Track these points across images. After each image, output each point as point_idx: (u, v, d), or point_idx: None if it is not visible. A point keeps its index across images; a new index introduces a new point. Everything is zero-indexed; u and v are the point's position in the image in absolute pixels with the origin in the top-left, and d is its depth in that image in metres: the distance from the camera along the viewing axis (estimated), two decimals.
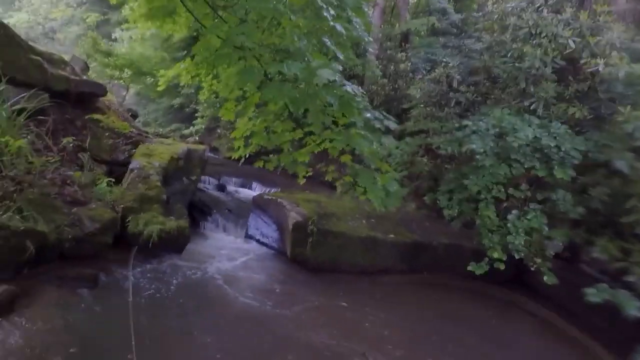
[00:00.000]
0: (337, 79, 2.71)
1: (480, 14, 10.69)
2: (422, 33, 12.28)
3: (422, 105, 8.08)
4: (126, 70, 10.69)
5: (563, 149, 5.46)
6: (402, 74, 10.39)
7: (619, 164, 4.90)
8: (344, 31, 3.11)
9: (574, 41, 5.95)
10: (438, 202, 6.40)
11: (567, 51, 6.22)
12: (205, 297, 4.76)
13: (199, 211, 6.75)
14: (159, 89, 5.35)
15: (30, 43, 6.81)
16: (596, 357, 4.97)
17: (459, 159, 7.00)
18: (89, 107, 7.09)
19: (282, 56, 2.82)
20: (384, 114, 3.15)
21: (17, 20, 19.35)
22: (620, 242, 5.07)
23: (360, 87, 3.35)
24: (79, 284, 3.98)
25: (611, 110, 5.95)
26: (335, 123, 3.56)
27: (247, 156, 4.31)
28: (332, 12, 3.08)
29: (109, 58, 10.19)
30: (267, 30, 2.79)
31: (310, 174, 4.55)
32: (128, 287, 4.31)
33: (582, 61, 5.99)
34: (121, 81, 11.85)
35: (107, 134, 6.79)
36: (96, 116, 6.69)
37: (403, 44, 11.85)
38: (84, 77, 7.98)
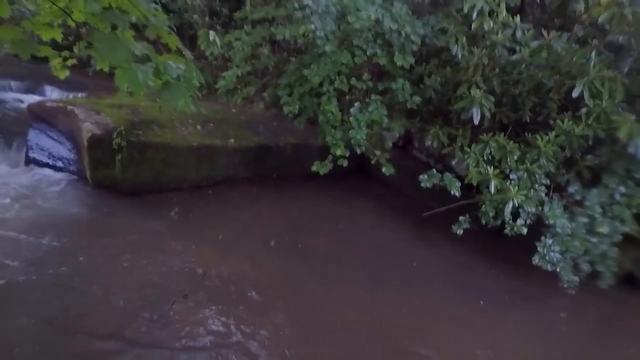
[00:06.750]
0: None
1: None
2: None
3: None
4: None
5: (403, 33, 4.73)
6: None
7: (453, 49, 4.42)
8: None
9: None
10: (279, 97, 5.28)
11: None
12: None
13: None
14: None
15: None
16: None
17: (304, 49, 5.84)
18: None
19: None
20: None
21: None
22: (449, 129, 4.91)
23: None
24: None
25: None
26: None
27: None
28: None
29: None
30: None
31: (74, 61, 2.84)
32: None
33: None
34: None
35: None
36: None
37: None
38: None
